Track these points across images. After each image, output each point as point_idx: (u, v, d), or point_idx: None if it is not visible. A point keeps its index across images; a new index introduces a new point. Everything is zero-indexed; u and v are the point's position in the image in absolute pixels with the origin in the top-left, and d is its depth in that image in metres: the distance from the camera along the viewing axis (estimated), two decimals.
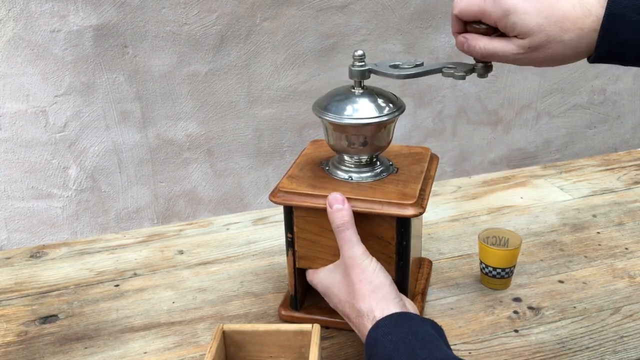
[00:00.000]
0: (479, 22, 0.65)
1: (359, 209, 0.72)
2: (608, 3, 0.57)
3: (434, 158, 0.85)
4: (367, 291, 0.68)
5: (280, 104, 1.66)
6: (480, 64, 0.71)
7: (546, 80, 1.92)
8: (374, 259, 0.71)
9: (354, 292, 0.69)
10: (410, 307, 0.70)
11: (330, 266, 0.76)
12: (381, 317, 0.65)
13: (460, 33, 0.67)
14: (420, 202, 0.73)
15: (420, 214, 0.72)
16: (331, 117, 0.74)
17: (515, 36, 0.61)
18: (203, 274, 0.95)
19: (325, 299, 0.77)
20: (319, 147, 0.86)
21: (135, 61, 1.50)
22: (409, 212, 0.72)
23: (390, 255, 0.75)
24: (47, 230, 1.61)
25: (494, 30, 0.64)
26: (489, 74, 0.72)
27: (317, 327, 0.70)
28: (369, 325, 0.66)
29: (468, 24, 0.67)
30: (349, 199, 0.72)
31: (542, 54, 0.61)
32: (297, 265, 0.79)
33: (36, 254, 1.01)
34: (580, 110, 2.02)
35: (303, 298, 0.83)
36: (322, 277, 0.76)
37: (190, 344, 0.81)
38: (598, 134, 2.09)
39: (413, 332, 0.63)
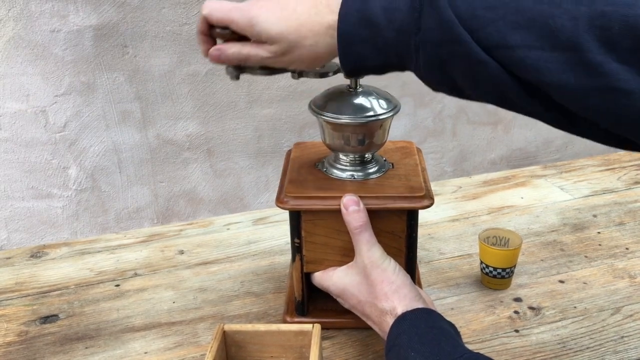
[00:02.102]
0: (225, 27, 0.65)
1: (373, 206, 0.73)
2: (339, 20, 0.58)
3: (419, 151, 0.86)
4: (389, 291, 0.69)
5: (280, 104, 1.66)
6: (231, 67, 0.70)
7: None
8: (392, 259, 0.72)
9: (376, 293, 0.70)
10: (430, 304, 0.71)
11: (344, 267, 0.76)
12: (405, 311, 0.66)
13: (205, 34, 0.67)
14: (429, 193, 0.74)
15: (431, 204, 0.73)
16: (328, 116, 0.74)
17: (265, 42, 0.63)
18: (203, 273, 0.95)
19: (338, 300, 0.77)
20: (304, 149, 0.86)
21: (135, 61, 1.50)
22: (421, 204, 0.73)
23: (400, 249, 0.76)
24: (47, 230, 1.61)
25: (241, 36, 0.65)
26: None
27: (317, 327, 0.70)
28: (390, 321, 0.67)
29: (213, 28, 0.66)
30: (361, 197, 0.73)
31: (290, 58, 0.63)
32: (305, 270, 0.79)
33: (36, 254, 1.01)
34: None
35: (308, 302, 0.83)
36: (337, 279, 0.76)
37: (190, 344, 0.81)
38: None
39: (437, 326, 0.64)
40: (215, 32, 0.66)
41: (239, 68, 0.69)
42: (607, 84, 0.48)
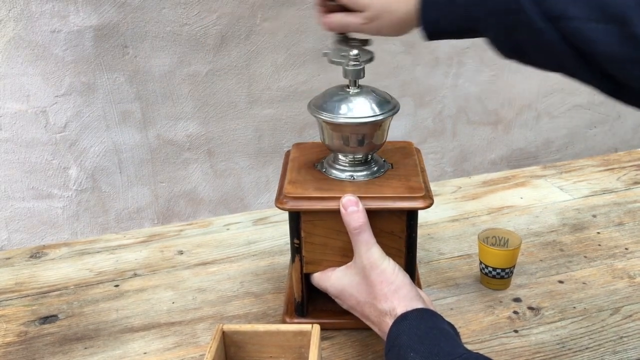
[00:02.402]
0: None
1: (372, 207, 0.73)
2: None
3: (418, 151, 0.86)
4: (389, 292, 0.69)
5: (280, 104, 1.66)
6: (340, 35, 0.79)
7: (546, 80, 1.92)
8: (390, 259, 0.72)
9: (375, 293, 0.70)
10: (430, 305, 0.71)
11: (342, 268, 0.76)
12: (405, 312, 0.66)
13: (320, 5, 0.78)
14: (428, 194, 0.74)
15: (431, 204, 0.73)
16: (327, 117, 0.74)
17: (360, 10, 0.73)
18: (203, 274, 0.95)
19: (337, 300, 0.77)
20: (304, 150, 0.86)
21: (136, 61, 1.50)
22: (420, 204, 0.73)
23: (400, 249, 0.76)
24: (47, 230, 1.61)
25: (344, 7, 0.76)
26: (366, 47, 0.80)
27: (316, 327, 0.70)
28: (390, 322, 0.67)
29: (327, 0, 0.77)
30: (361, 197, 0.73)
31: (380, 23, 0.72)
32: (304, 271, 0.79)
33: (36, 254, 1.01)
34: (580, 110, 2.02)
35: (307, 303, 0.83)
36: (336, 280, 0.76)
37: (190, 344, 0.81)
38: (598, 134, 2.09)
39: (437, 327, 0.64)
40: (329, 4, 0.77)
41: (345, 38, 0.79)
42: None
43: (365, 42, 0.79)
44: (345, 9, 0.75)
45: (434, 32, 0.68)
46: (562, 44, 0.56)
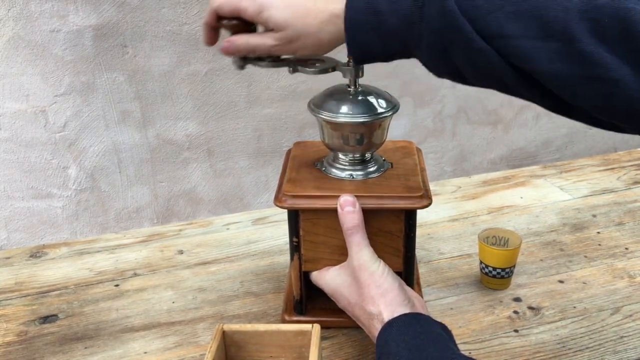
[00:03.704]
0: (234, 18, 0.67)
1: (370, 206, 0.72)
2: (346, 8, 0.61)
3: (419, 151, 0.86)
4: (376, 295, 0.69)
5: (280, 103, 1.66)
6: (237, 57, 0.72)
7: None
8: (382, 262, 0.72)
9: (363, 295, 0.70)
10: (421, 307, 0.70)
11: (337, 267, 0.76)
12: (391, 318, 0.66)
13: (212, 27, 0.69)
14: (427, 193, 0.74)
15: (429, 204, 0.73)
16: (327, 116, 0.74)
17: (272, 30, 0.65)
18: (203, 273, 0.95)
19: (333, 299, 0.77)
20: (304, 149, 0.85)
21: (135, 61, 1.50)
22: (419, 204, 0.73)
23: (398, 248, 0.76)
24: (47, 230, 1.61)
25: (248, 27, 0.68)
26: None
27: (317, 327, 0.69)
28: (378, 326, 0.66)
29: (222, 20, 0.68)
30: (359, 196, 0.72)
31: (295, 46, 0.65)
32: (303, 269, 0.79)
33: (36, 254, 1.01)
34: None
35: (306, 301, 0.83)
36: (330, 279, 0.76)
37: (190, 343, 0.81)
38: (598, 134, 2.09)
39: (425, 331, 0.63)
40: (223, 23, 0.68)
41: (244, 59, 0.71)
42: (597, 73, 0.50)
43: (274, 61, 0.72)
44: (246, 28, 0.67)
45: (362, 55, 0.64)
46: (501, 63, 0.54)
